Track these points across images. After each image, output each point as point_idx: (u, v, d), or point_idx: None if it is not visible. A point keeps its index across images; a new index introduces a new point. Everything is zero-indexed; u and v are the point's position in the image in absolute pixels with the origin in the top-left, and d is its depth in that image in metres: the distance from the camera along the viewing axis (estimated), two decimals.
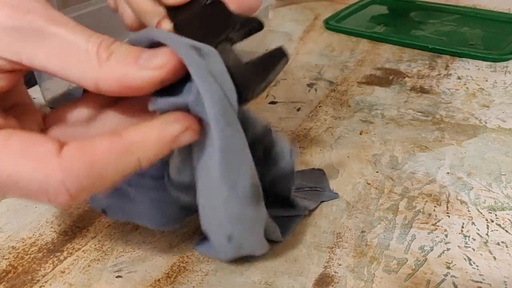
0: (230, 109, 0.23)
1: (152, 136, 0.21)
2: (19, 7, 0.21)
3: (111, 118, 0.26)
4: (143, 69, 0.21)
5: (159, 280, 0.30)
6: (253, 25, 0.26)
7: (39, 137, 0.22)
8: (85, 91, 0.25)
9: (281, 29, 0.70)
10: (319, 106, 0.49)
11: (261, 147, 0.28)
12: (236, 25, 0.25)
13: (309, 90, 0.52)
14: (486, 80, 0.54)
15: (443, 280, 0.29)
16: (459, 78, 0.54)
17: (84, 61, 0.21)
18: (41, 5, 0.21)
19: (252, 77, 0.23)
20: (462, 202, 0.35)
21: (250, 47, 0.60)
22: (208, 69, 0.22)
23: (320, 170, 0.38)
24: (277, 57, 0.24)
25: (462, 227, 0.33)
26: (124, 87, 0.21)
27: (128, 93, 0.22)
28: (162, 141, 0.22)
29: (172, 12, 0.27)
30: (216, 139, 0.23)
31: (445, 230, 0.33)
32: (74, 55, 0.21)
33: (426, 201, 0.36)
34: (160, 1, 0.27)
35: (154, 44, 0.23)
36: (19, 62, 0.21)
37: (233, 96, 0.23)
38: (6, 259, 0.31)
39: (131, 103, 0.25)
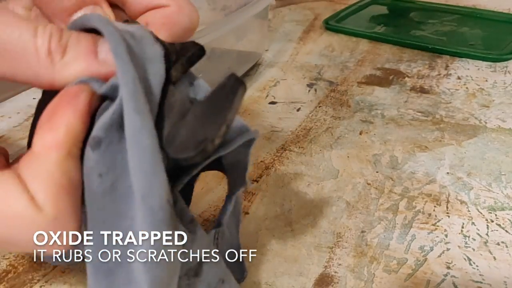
0: (142, 95, 0.18)
1: (70, 112, 0.18)
2: None
3: None
4: (105, 65, 0.19)
5: None
6: (191, 52, 0.21)
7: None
8: None
9: (281, 29, 0.70)
10: (319, 106, 0.49)
11: None
12: (172, 57, 0.20)
13: (309, 90, 0.52)
14: (486, 80, 0.54)
15: (443, 280, 0.29)
16: (459, 78, 0.54)
17: (35, 63, 0.18)
18: None
19: (208, 126, 0.18)
20: (462, 202, 0.35)
21: (250, 48, 0.60)
22: (133, 51, 0.19)
23: None
24: (232, 88, 0.19)
25: (462, 227, 0.33)
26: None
27: None
28: (81, 112, 0.19)
29: None
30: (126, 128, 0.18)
31: (445, 230, 0.33)
32: (21, 56, 0.18)
33: (426, 201, 0.36)
34: None
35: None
36: None
37: (156, 80, 0.19)
38: (6, 258, 0.31)
39: None
